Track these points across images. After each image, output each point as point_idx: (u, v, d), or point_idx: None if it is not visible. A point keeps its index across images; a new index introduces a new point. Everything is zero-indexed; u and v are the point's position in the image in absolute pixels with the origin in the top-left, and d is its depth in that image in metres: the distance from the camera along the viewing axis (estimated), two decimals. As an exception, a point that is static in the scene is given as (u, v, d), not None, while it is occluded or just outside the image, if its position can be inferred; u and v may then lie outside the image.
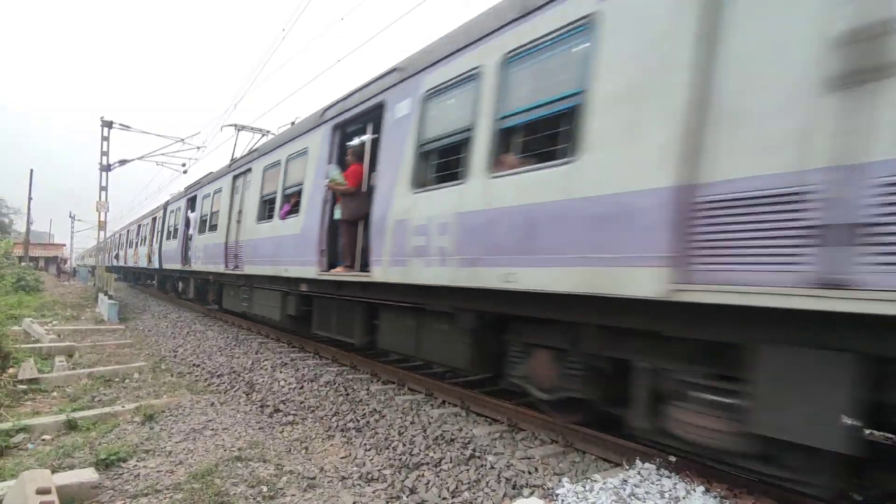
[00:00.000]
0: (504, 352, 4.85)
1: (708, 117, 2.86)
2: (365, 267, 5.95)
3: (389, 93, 5.79)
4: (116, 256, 30.40)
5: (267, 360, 8.06)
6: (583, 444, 4.21)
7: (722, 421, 3.13)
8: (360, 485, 3.91)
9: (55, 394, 6.50)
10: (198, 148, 21.83)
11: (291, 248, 7.57)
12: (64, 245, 66.28)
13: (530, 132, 4.22)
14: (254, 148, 10.83)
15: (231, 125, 14.24)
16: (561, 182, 3.66)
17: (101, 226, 20.57)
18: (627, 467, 3.62)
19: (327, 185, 6.71)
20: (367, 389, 6.11)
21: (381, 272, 5.49)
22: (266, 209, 8.94)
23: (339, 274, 6.43)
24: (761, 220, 2.64)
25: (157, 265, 18.03)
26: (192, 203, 14.00)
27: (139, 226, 23.33)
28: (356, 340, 6.91)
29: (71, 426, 5.13)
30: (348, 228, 6.52)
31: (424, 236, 4.90)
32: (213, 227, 11.64)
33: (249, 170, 10.01)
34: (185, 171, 23.36)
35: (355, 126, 6.95)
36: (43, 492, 3.15)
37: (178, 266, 14.85)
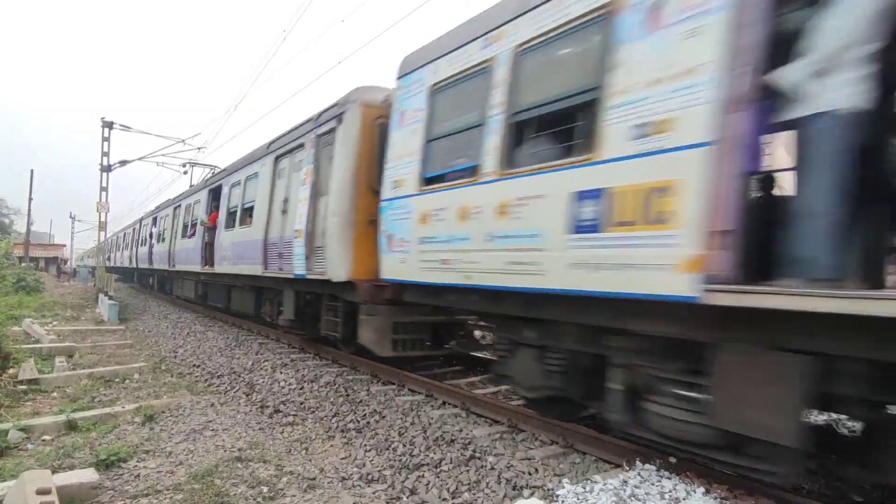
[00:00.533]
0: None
1: (271, 214, 8.91)
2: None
3: (224, 181, 12.20)
4: (108, 258, 33.05)
5: (267, 360, 8.06)
6: (583, 446, 4.21)
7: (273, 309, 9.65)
8: (360, 485, 3.91)
9: (55, 394, 6.51)
10: (198, 149, 21.86)
11: (193, 255, 13.65)
12: (64, 245, 66.29)
13: (247, 212, 10.13)
14: (183, 192, 17.48)
15: (186, 162, 22.41)
16: (249, 234, 9.66)
17: (102, 226, 20.58)
18: (628, 468, 3.62)
19: (199, 223, 13.12)
20: (368, 390, 6.11)
21: (218, 268, 11.67)
22: (185, 230, 15.05)
23: (207, 269, 12.54)
24: (278, 251, 8.48)
25: (135, 265, 24.63)
26: (154, 221, 20.14)
27: (125, 234, 30.33)
28: (223, 306, 13.05)
29: (71, 426, 5.13)
30: (210, 246, 12.47)
31: (226, 251, 11.09)
32: (163, 240, 17.74)
33: (180, 205, 16.30)
34: (185, 172, 23.39)
35: (217, 192, 12.77)
36: (43, 492, 3.14)
37: (147, 266, 21.00)
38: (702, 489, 3.23)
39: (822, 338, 2.65)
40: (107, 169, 20.09)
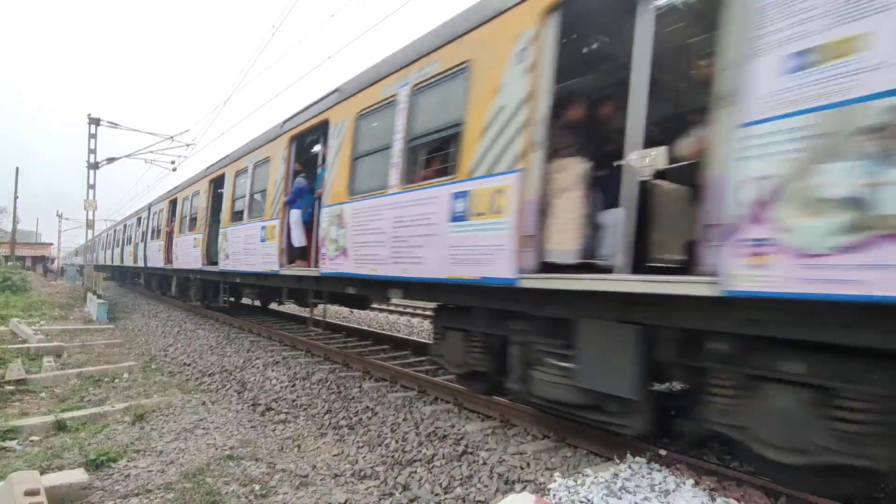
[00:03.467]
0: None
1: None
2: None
3: (141, 212, 20.04)
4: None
5: (258, 358, 8.02)
6: (574, 439, 4.24)
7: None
8: (352, 482, 3.91)
9: (44, 394, 6.43)
10: (187, 145, 21.62)
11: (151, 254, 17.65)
12: (51, 244, 65.39)
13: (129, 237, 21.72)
14: (135, 211, 22.26)
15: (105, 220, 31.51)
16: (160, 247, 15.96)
17: (90, 224, 20.33)
18: (618, 461, 3.66)
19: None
20: (360, 387, 6.10)
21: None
22: (139, 236, 19.78)
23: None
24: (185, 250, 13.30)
25: (109, 263, 30.22)
26: (124, 228, 25.09)
27: (102, 236, 36.19)
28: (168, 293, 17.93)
29: (60, 427, 5.08)
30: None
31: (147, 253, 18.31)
32: (130, 242, 22.25)
33: (138, 218, 20.53)
34: (174, 169, 23.14)
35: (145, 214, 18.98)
36: (31, 493, 3.12)
37: (119, 263, 26.14)
38: (691, 481, 3.27)
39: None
40: (94, 166, 19.83)
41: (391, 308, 14.87)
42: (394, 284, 5.43)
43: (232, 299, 12.24)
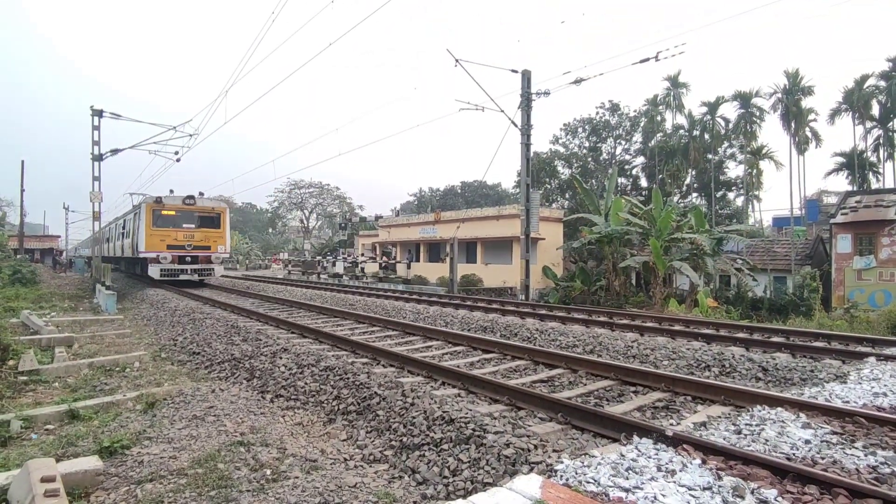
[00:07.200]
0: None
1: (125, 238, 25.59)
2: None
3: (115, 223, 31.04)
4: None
5: (267, 346, 8.09)
6: (581, 422, 4.27)
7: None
8: (362, 466, 3.96)
9: (56, 384, 6.53)
10: (190, 136, 21.59)
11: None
12: (59, 237, 65.82)
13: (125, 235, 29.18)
14: (116, 218, 29.38)
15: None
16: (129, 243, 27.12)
17: (96, 216, 20.44)
18: (625, 443, 3.68)
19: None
20: (368, 373, 6.15)
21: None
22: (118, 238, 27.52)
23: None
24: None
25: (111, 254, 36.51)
26: (110, 230, 31.71)
27: (104, 230, 42.59)
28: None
29: (73, 416, 5.16)
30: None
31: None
32: (109, 241, 29.56)
33: (113, 225, 28.69)
34: (178, 160, 23.15)
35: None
36: (48, 480, 3.18)
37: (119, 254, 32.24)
38: (697, 461, 3.28)
39: None
40: (98, 158, 19.85)
41: (396, 295, 14.91)
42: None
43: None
